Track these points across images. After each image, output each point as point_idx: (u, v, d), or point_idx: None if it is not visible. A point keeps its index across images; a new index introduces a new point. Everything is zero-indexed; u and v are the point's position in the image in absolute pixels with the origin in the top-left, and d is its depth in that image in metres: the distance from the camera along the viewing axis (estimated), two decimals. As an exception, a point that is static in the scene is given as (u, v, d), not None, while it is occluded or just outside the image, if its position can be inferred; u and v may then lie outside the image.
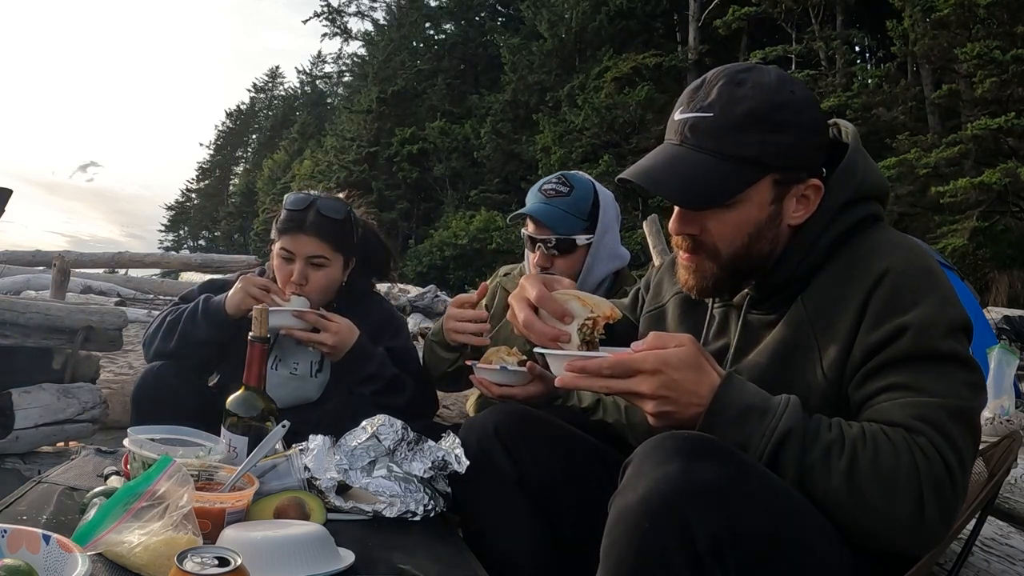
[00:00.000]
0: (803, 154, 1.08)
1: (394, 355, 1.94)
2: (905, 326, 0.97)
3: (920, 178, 13.17)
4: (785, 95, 1.06)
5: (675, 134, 1.11)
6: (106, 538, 1.00)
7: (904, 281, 1.01)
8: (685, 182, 1.07)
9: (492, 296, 2.02)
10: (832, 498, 0.92)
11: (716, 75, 1.10)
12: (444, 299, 10.39)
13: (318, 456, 1.33)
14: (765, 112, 1.04)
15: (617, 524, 0.89)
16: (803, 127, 1.07)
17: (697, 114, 1.07)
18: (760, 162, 1.06)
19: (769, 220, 1.09)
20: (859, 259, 1.06)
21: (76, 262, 9.25)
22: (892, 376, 0.97)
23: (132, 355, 5.70)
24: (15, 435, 2.48)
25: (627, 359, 0.99)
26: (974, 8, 12.65)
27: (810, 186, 1.09)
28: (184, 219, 51.76)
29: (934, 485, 0.89)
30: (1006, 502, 2.27)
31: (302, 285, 1.85)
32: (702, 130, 1.07)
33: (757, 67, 1.11)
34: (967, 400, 0.96)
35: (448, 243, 21.89)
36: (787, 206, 1.09)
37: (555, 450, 1.32)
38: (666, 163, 1.09)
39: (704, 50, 20.84)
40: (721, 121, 1.05)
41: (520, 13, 26.08)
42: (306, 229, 1.85)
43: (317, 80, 46.03)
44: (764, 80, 1.07)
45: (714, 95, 1.07)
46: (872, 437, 0.92)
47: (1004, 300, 11.47)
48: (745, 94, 1.05)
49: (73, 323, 2.63)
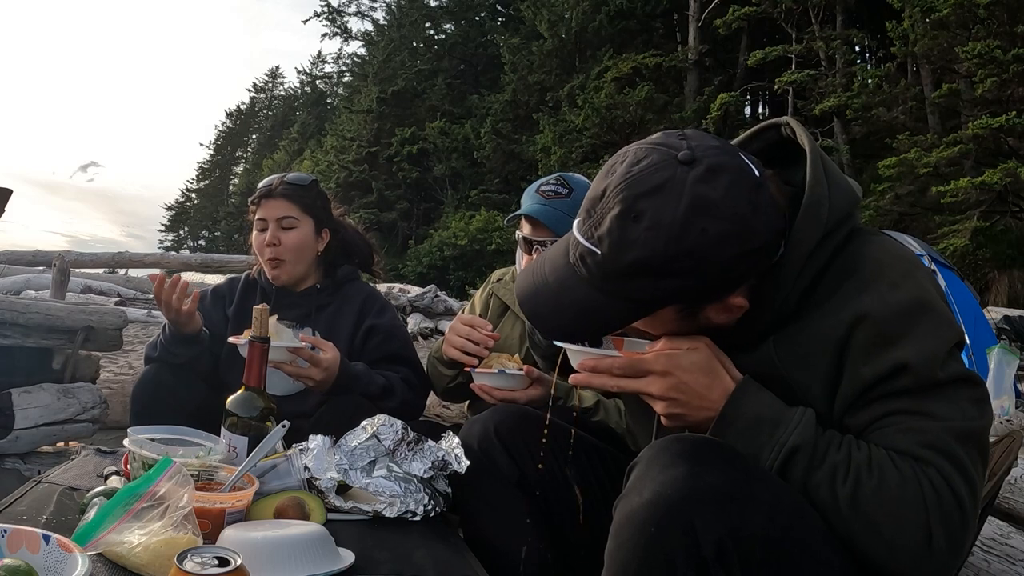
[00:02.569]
0: (715, 286, 0.93)
1: (380, 333, 1.99)
2: (903, 364, 0.90)
3: (920, 178, 13.16)
4: (690, 239, 0.87)
5: (571, 250, 0.97)
6: (106, 538, 1.00)
7: (890, 310, 0.92)
8: (562, 317, 0.98)
9: (485, 304, 2.02)
10: (836, 521, 0.90)
11: (616, 191, 0.90)
12: (444, 299, 10.39)
13: (318, 456, 1.33)
14: (659, 263, 0.88)
15: (622, 528, 0.88)
16: (712, 268, 0.89)
17: (586, 243, 0.93)
18: (654, 302, 0.94)
19: (681, 329, 0.99)
20: (837, 293, 0.95)
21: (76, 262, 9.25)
22: (894, 404, 0.92)
23: (132, 355, 5.70)
24: (15, 435, 2.48)
25: (638, 359, 0.98)
26: (974, 8, 12.64)
27: (733, 302, 0.95)
28: (184, 219, 51.76)
29: (942, 517, 0.87)
30: (1006, 502, 2.27)
31: (275, 245, 1.96)
32: (589, 264, 0.93)
33: (667, 188, 0.88)
34: (974, 419, 0.92)
35: (448, 243, 21.88)
36: (704, 317, 0.98)
37: (555, 450, 1.32)
38: (552, 290, 0.98)
39: (704, 50, 20.83)
40: (608, 263, 0.91)
41: (520, 13, 26.04)
42: (274, 195, 2.00)
43: (317, 80, 45.99)
44: (665, 218, 0.87)
45: (606, 225, 0.90)
46: (879, 465, 0.89)
47: (1004, 300, 11.47)
48: (638, 237, 0.88)
49: (73, 323, 2.63)
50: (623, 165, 0.93)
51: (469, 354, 1.70)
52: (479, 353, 1.70)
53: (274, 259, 1.97)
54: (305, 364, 1.74)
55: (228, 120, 52.84)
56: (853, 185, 1.03)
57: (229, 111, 54.26)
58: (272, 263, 1.98)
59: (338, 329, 2.00)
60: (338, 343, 1.96)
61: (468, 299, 2.40)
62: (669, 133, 0.96)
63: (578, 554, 1.30)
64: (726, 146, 0.95)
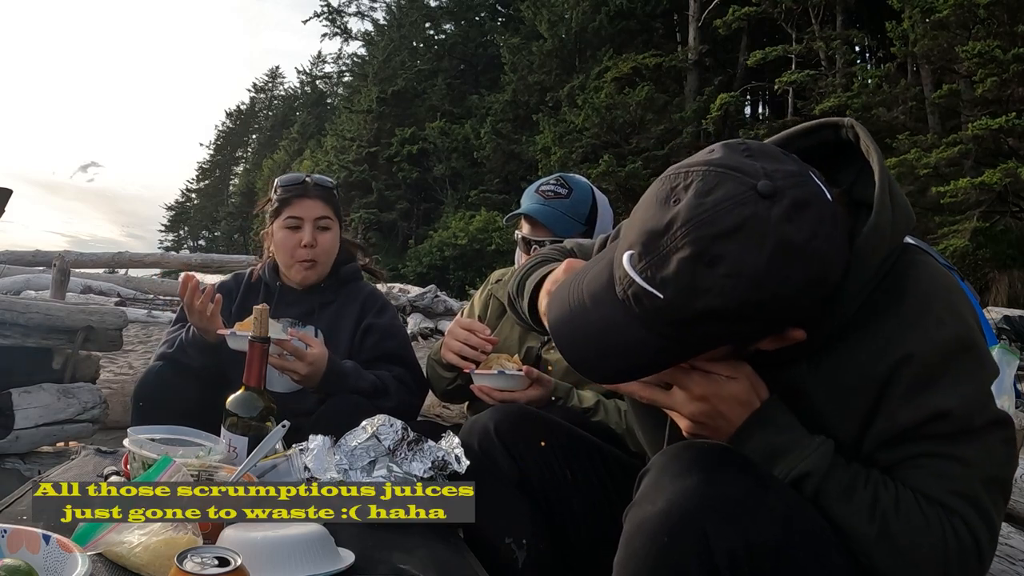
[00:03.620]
0: (779, 323, 0.86)
1: (377, 331, 1.99)
2: (946, 411, 0.87)
3: (920, 178, 13.16)
4: (771, 288, 0.78)
5: (620, 285, 0.85)
6: (106, 538, 1.00)
7: (937, 355, 0.88)
8: (611, 360, 0.88)
9: (484, 305, 2.02)
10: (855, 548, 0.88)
11: (686, 229, 0.77)
12: (444, 299, 10.40)
13: (318, 456, 1.33)
14: (733, 311, 0.79)
15: (634, 537, 0.87)
16: (785, 311, 0.83)
17: (644, 284, 0.81)
18: (714, 343, 0.87)
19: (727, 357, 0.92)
20: (881, 327, 0.90)
21: (76, 262, 9.25)
22: (928, 446, 0.89)
23: (132, 355, 5.70)
24: (15, 435, 2.48)
25: (680, 373, 0.91)
26: (974, 8, 12.64)
27: (791, 334, 0.88)
28: (184, 219, 51.81)
29: (960, 565, 0.87)
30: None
31: (313, 246, 1.95)
32: (647, 307, 0.82)
33: (748, 229, 0.76)
34: (1004, 462, 0.91)
35: (448, 243, 21.89)
36: (753, 348, 0.91)
37: (555, 450, 1.32)
38: (595, 328, 0.88)
39: (704, 50, 20.84)
40: (672, 310, 0.80)
41: (520, 13, 26.05)
42: (310, 194, 1.97)
43: (317, 80, 46.03)
44: (748, 266, 0.76)
45: (672, 268, 0.78)
46: (907, 508, 0.87)
47: (1004, 300, 11.48)
48: (713, 285, 0.77)
49: (73, 323, 2.63)
50: (690, 194, 0.79)
51: (466, 358, 1.70)
52: (476, 358, 1.69)
53: (311, 260, 1.96)
54: (291, 357, 1.74)
55: (228, 120, 52.95)
56: (910, 208, 0.95)
57: (229, 111, 54.38)
58: (308, 264, 1.96)
59: (340, 327, 1.99)
60: (340, 341, 1.96)
61: (468, 299, 2.39)
62: (733, 148, 0.84)
63: (578, 554, 1.30)
64: (800, 168, 0.84)
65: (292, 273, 2.00)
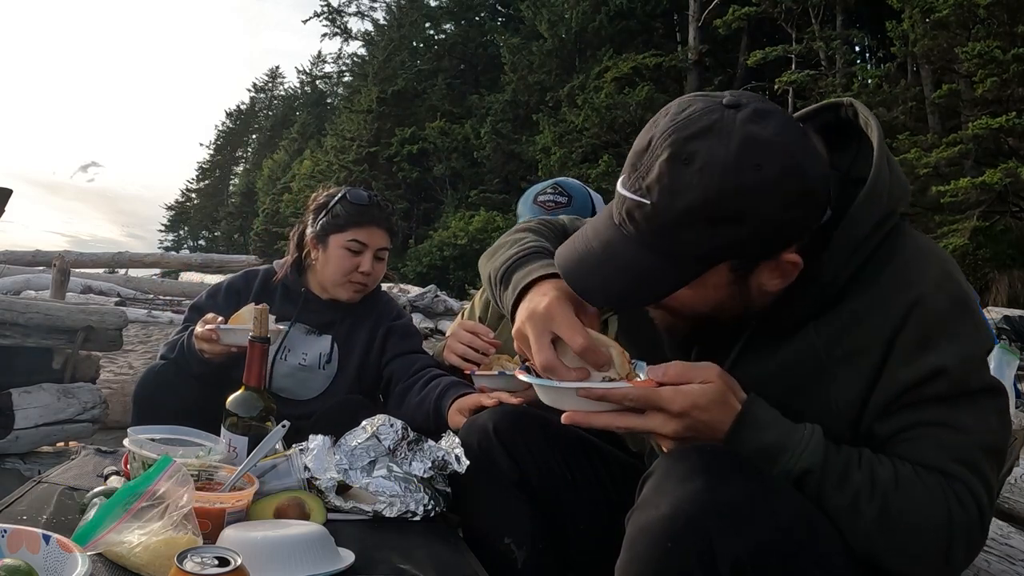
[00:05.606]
0: (769, 238, 0.89)
1: (398, 331, 2.02)
2: (943, 368, 0.89)
3: (920, 178, 13.15)
4: (744, 177, 0.84)
5: (616, 210, 0.95)
6: (106, 538, 1.00)
7: (936, 313, 0.91)
8: (612, 282, 0.94)
9: (485, 306, 2.02)
10: (858, 538, 0.89)
11: (663, 137, 0.88)
12: (444, 299, 10.40)
13: (318, 456, 1.33)
14: (714, 206, 0.85)
15: (637, 541, 0.86)
16: (767, 212, 0.86)
17: (634, 197, 0.89)
18: (708, 257, 0.90)
19: (731, 296, 0.95)
20: (885, 285, 0.94)
21: (76, 262, 9.26)
22: (926, 413, 0.91)
23: (132, 355, 5.71)
24: (15, 435, 2.49)
25: (655, 394, 0.89)
26: (974, 8, 12.64)
27: (786, 260, 0.91)
28: (184, 219, 51.81)
29: (965, 531, 0.87)
30: (1006, 502, 2.27)
31: (369, 275, 1.96)
32: (638, 219, 0.90)
33: (716, 128, 0.86)
34: (999, 432, 0.92)
35: (448, 243, 21.88)
36: (755, 281, 0.94)
37: (555, 450, 1.32)
38: (597, 257, 0.95)
39: (704, 50, 20.83)
40: (659, 213, 0.87)
41: (520, 13, 26.05)
42: (378, 222, 1.97)
43: (317, 80, 46.02)
44: (718, 157, 0.84)
45: (654, 173, 0.87)
46: (906, 482, 0.88)
47: (1004, 300, 11.48)
48: (690, 180, 0.85)
49: (73, 323, 2.63)
50: (667, 116, 0.91)
51: (468, 360, 1.71)
52: (479, 361, 1.71)
53: (363, 285, 1.97)
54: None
55: (228, 120, 52.95)
56: (905, 180, 1.01)
57: (229, 111, 54.41)
58: (359, 287, 1.97)
59: (355, 339, 2.00)
60: (353, 350, 1.98)
61: (468, 299, 2.39)
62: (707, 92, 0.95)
63: (578, 554, 1.30)
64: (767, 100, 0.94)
65: (339, 291, 1.98)
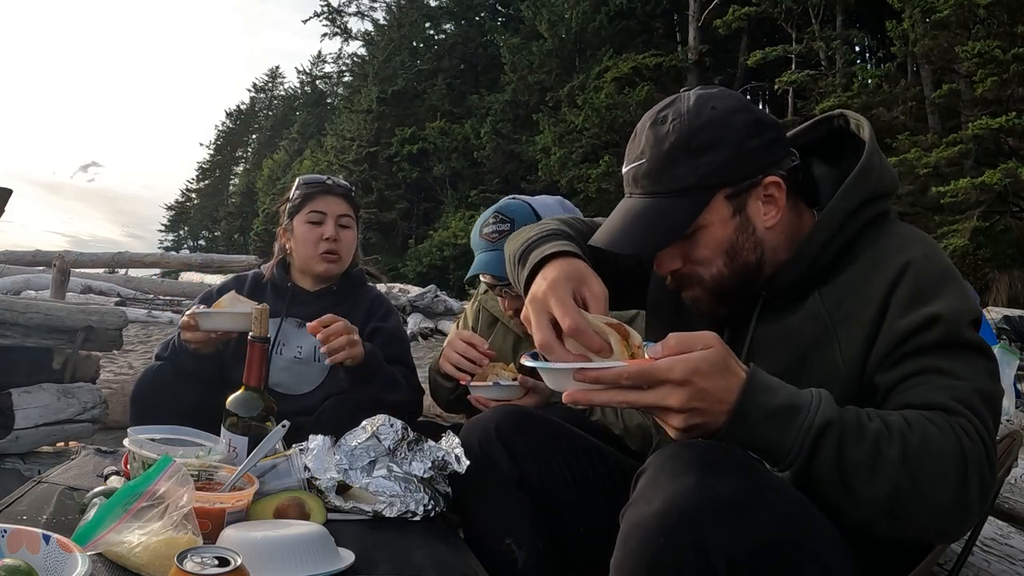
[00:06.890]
0: (744, 161, 1.08)
1: (383, 335, 2.01)
2: (937, 315, 0.98)
3: (920, 178, 13.16)
4: (705, 115, 1.08)
5: (626, 187, 1.16)
6: (106, 538, 1.00)
7: (926, 273, 1.02)
8: (636, 232, 1.10)
9: (476, 315, 2.02)
10: (881, 487, 0.87)
11: (643, 121, 1.14)
12: (444, 299, 10.41)
13: (318, 456, 1.33)
14: (687, 140, 1.07)
15: (630, 537, 0.86)
16: (733, 137, 1.08)
17: (634, 164, 1.12)
18: (700, 186, 1.08)
19: (739, 232, 1.10)
20: (878, 253, 1.07)
21: (76, 262, 9.26)
22: (924, 361, 0.97)
23: (132, 355, 5.71)
24: (15, 435, 2.49)
25: (651, 367, 0.87)
26: (974, 8, 12.64)
27: (769, 184, 1.09)
28: (184, 219, 51.83)
29: (978, 466, 0.88)
30: (1006, 502, 2.27)
31: (336, 240, 2.01)
32: (641, 176, 1.11)
33: (678, 97, 1.14)
34: (992, 388, 0.97)
35: (448, 243, 21.90)
36: (752, 213, 1.10)
37: (555, 450, 1.32)
38: (621, 219, 1.13)
39: (704, 50, 20.83)
40: (653, 163, 1.09)
41: (520, 13, 26.05)
42: (333, 191, 2.05)
43: (317, 80, 45.99)
44: (681, 109, 1.10)
45: (643, 141, 1.11)
46: (918, 423, 0.90)
47: (1004, 300, 11.47)
48: (667, 130, 1.09)
49: (73, 323, 2.63)
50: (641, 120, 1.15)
51: (463, 370, 1.71)
52: (473, 371, 1.71)
53: (333, 252, 2.01)
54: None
55: (228, 120, 52.94)
56: (894, 172, 1.17)
57: (229, 111, 54.39)
58: (330, 256, 2.01)
59: None
60: None
61: (468, 299, 2.39)
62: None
63: (578, 554, 1.30)
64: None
65: (314, 265, 2.02)
